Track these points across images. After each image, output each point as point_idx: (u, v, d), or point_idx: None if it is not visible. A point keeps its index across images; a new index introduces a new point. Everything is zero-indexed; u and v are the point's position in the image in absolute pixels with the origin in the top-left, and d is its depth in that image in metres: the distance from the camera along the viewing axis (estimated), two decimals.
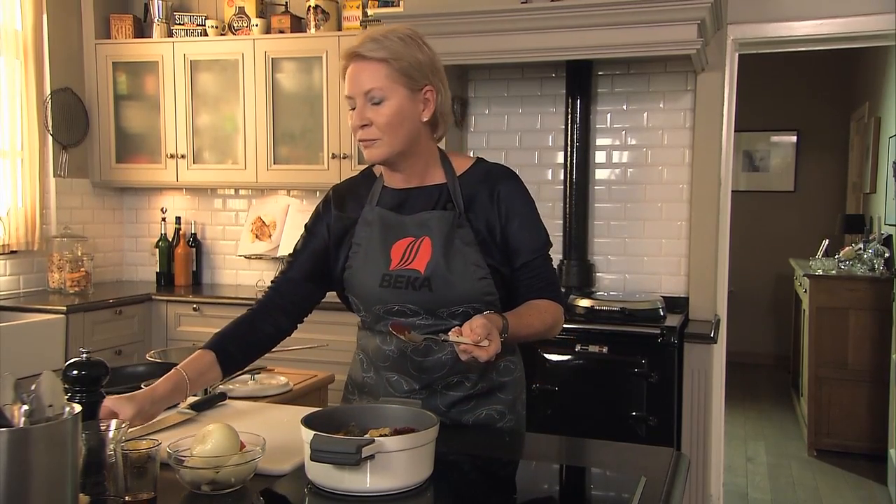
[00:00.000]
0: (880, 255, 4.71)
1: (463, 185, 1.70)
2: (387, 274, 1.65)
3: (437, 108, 1.67)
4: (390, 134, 1.62)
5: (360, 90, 1.61)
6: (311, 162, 4.12)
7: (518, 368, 1.80)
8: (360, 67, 1.62)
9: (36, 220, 4.12)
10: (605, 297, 3.39)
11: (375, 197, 1.73)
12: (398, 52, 1.60)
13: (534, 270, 1.71)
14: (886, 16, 3.24)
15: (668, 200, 3.57)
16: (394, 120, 1.61)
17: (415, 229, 1.67)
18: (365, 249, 1.69)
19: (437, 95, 1.67)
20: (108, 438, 1.28)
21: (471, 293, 1.63)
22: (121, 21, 4.45)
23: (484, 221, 1.68)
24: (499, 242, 1.68)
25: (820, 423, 4.70)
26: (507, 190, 1.71)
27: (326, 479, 1.27)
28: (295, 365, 2.89)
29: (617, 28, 3.04)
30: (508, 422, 1.74)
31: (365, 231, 1.70)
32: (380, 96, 1.60)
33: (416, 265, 1.64)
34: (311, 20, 4.12)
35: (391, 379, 1.70)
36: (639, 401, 3.03)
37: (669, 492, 1.33)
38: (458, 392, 1.69)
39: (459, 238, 1.65)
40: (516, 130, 3.76)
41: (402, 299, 1.64)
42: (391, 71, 1.60)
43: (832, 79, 6.92)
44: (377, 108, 1.61)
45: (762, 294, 7.24)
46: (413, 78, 1.62)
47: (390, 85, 1.60)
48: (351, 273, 1.71)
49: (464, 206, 1.68)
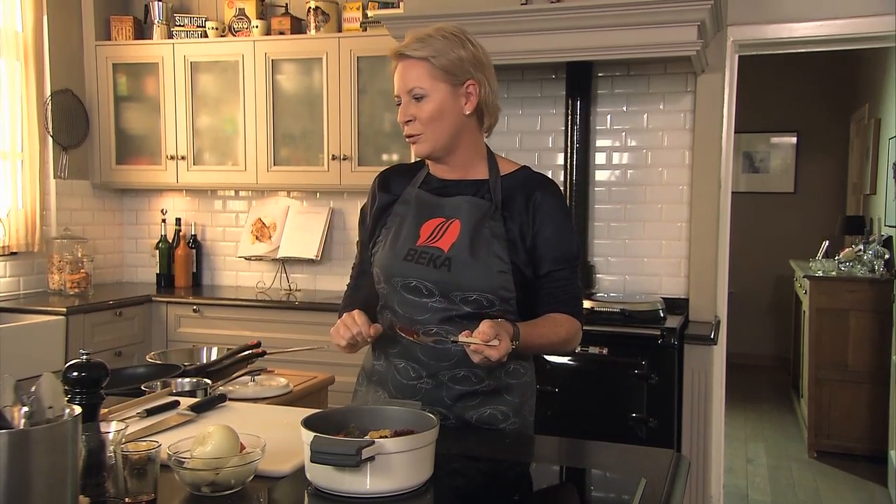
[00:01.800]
0: (880, 257, 4.71)
1: (504, 185, 1.75)
2: (412, 249, 1.71)
3: (481, 101, 1.74)
4: (432, 128, 1.70)
5: (404, 88, 1.70)
6: (311, 163, 4.12)
7: (528, 374, 1.80)
8: (404, 66, 1.71)
9: (36, 221, 4.12)
10: (606, 298, 3.39)
11: (419, 181, 1.81)
12: (439, 50, 1.68)
13: (557, 281, 1.73)
14: (886, 17, 3.25)
15: (668, 202, 3.57)
16: (435, 115, 1.69)
17: (448, 211, 1.73)
18: (398, 224, 1.76)
19: (481, 88, 1.72)
20: (109, 440, 1.28)
21: (488, 283, 1.65)
22: (121, 22, 4.45)
23: (517, 223, 1.71)
24: (528, 247, 1.71)
25: (820, 425, 4.70)
26: (545, 198, 1.74)
27: (326, 481, 1.27)
28: (295, 366, 2.89)
29: (617, 30, 3.04)
30: (513, 424, 1.74)
31: (402, 208, 1.78)
32: (421, 93, 1.68)
33: (441, 244, 1.70)
34: (312, 22, 4.12)
35: (399, 366, 1.73)
36: (639, 402, 3.03)
37: (670, 493, 1.33)
38: (464, 386, 1.70)
39: (489, 228, 1.69)
40: (516, 132, 3.76)
41: (421, 275, 1.68)
42: (432, 68, 1.68)
43: (832, 80, 6.93)
44: (419, 105, 1.69)
45: (762, 295, 7.24)
46: (454, 74, 1.69)
47: (431, 82, 1.68)
48: (381, 245, 1.77)
49: (501, 203, 1.72)
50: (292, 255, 4.29)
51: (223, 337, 3.78)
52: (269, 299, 4.05)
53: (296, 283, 4.41)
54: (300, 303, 3.95)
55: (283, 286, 4.41)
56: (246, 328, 3.90)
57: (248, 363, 2.32)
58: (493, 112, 1.79)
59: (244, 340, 2.36)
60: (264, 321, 3.94)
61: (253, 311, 4.00)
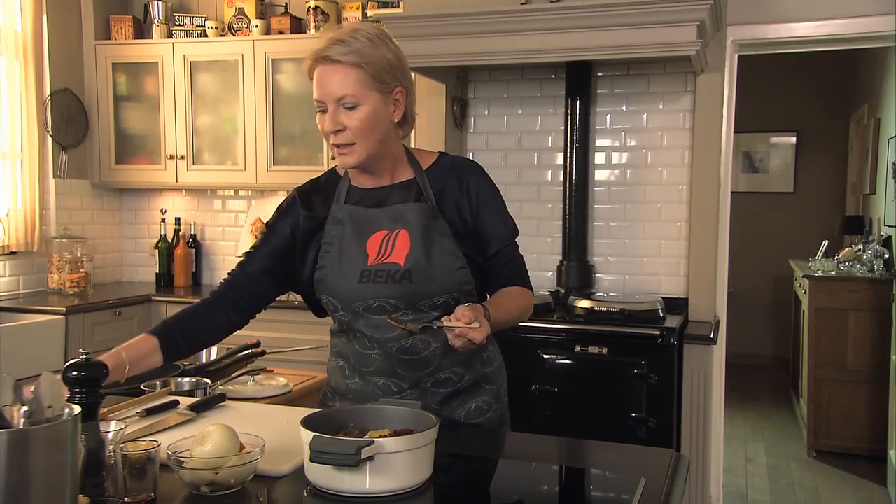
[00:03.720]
0: (880, 257, 4.71)
1: (431, 179, 1.71)
2: (366, 270, 1.64)
3: (407, 108, 1.67)
4: (364, 138, 1.60)
5: (332, 96, 1.57)
6: (311, 163, 4.12)
7: (497, 358, 1.83)
8: (329, 71, 1.57)
9: (35, 221, 4.12)
10: (605, 298, 3.39)
11: (343, 195, 1.72)
12: (368, 56, 1.57)
13: (505, 258, 1.75)
14: (886, 17, 3.25)
15: (667, 201, 3.57)
16: (367, 124, 1.59)
17: (389, 223, 1.66)
18: (338, 248, 1.67)
19: (406, 95, 1.66)
20: (108, 439, 1.28)
21: (450, 283, 1.65)
22: (121, 22, 4.45)
23: (455, 212, 1.69)
24: (471, 231, 1.70)
25: (819, 425, 4.70)
26: (476, 181, 1.73)
27: (326, 481, 1.27)
28: (295, 366, 2.89)
29: (616, 29, 3.03)
30: (495, 411, 1.77)
31: (336, 229, 1.68)
32: (353, 102, 1.57)
33: (394, 258, 1.64)
34: (311, 21, 4.12)
35: (378, 383, 1.70)
36: (638, 402, 3.03)
37: (669, 493, 1.33)
38: (447, 388, 1.70)
39: (436, 230, 1.66)
40: (516, 131, 3.76)
41: (382, 294, 1.63)
42: (363, 76, 1.57)
43: (832, 80, 6.93)
44: (350, 113, 1.58)
45: (762, 295, 7.24)
46: (384, 81, 1.60)
47: (363, 90, 1.57)
48: (324, 273, 1.69)
49: (434, 198, 1.69)
50: None
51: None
52: None
53: None
54: (300, 302, 3.89)
55: None
56: (245, 328, 3.88)
57: (247, 363, 2.32)
58: (413, 119, 1.72)
59: (243, 340, 2.36)
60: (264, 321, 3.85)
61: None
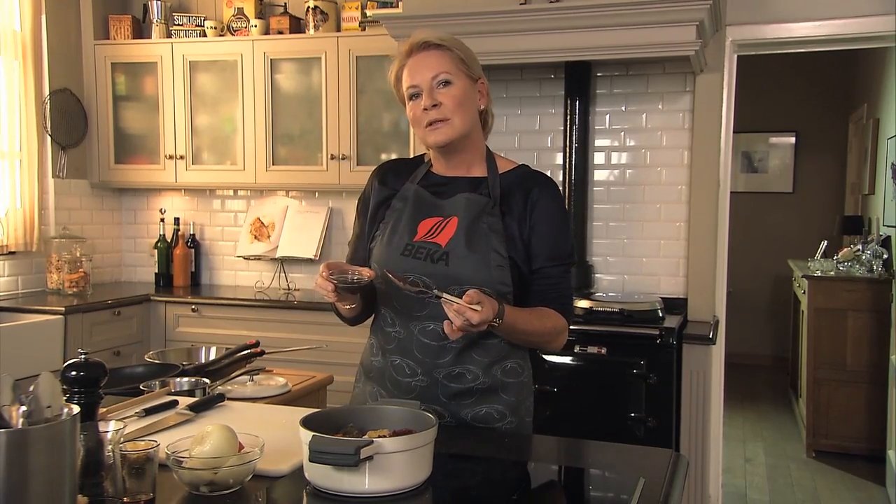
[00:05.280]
0: (879, 257, 4.71)
1: (502, 182, 1.76)
2: (410, 244, 1.71)
3: (487, 105, 1.79)
4: (459, 114, 1.70)
5: (427, 76, 1.69)
6: (310, 163, 4.12)
7: (525, 373, 1.78)
8: (424, 56, 1.71)
9: (34, 220, 4.12)
10: (604, 298, 3.39)
11: (418, 177, 1.81)
12: (459, 45, 1.73)
13: (549, 278, 1.73)
14: (885, 17, 3.25)
15: (666, 201, 3.57)
16: (460, 101, 1.70)
17: (446, 210, 1.73)
18: (396, 219, 1.76)
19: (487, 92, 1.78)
20: (107, 439, 1.28)
21: (485, 277, 1.65)
22: (119, 22, 4.45)
23: (515, 219, 1.72)
24: (525, 242, 1.72)
25: (818, 425, 4.71)
26: (542, 195, 1.75)
27: (325, 480, 1.27)
28: (294, 366, 2.89)
29: (616, 29, 3.04)
30: (509, 424, 1.73)
31: (399, 204, 1.78)
32: (448, 78, 1.69)
33: (438, 239, 1.70)
34: (310, 21, 4.12)
35: (395, 362, 1.73)
36: (637, 402, 3.03)
37: (668, 493, 1.33)
38: (459, 384, 1.70)
39: (487, 223, 1.70)
40: (515, 131, 3.76)
41: (420, 270, 1.68)
42: (456, 58, 1.71)
43: (831, 80, 6.93)
44: (446, 90, 1.69)
45: (761, 295, 7.24)
46: (472, 68, 1.73)
47: (456, 70, 1.70)
48: (376, 242, 1.77)
49: (499, 199, 1.74)
50: (291, 254, 4.29)
51: (222, 336, 3.77)
52: (267, 299, 4.05)
53: (294, 283, 4.41)
54: (299, 302, 3.95)
55: (281, 286, 4.41)
56: (244, 328, 3.90)
57: (246, 363, 2.32)
58: (492, 119, 1.84)
59: (243, 340, 2.36)
60: (263, 321, 3.94)
61: (251, 310, 4.00)
